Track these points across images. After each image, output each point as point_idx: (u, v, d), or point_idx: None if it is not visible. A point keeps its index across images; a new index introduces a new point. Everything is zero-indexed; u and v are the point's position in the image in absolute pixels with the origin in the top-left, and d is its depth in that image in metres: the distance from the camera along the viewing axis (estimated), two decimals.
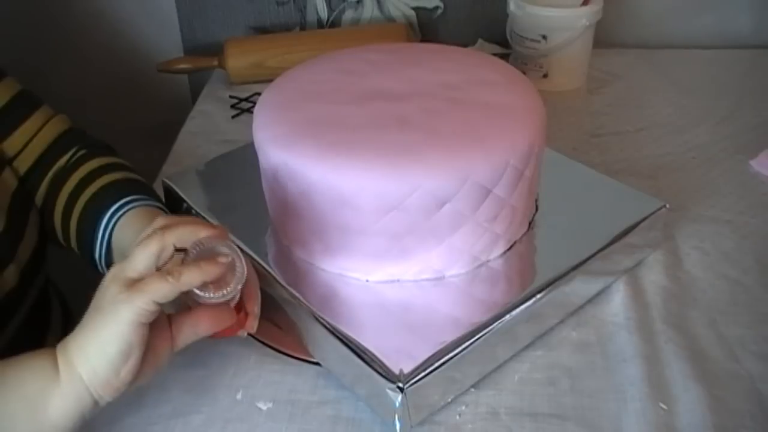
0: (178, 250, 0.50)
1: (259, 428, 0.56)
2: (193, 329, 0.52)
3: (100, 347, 0.47)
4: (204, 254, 0.50)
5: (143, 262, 0.48)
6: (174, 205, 0.71)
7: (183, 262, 0.49)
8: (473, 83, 0.64)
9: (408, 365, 0.52)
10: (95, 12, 1.15)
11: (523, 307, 0.58)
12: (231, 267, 0.51)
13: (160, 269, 0.49)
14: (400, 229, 0.57)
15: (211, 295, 0.50)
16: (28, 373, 0.49)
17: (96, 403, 0.49)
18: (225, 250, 0.51)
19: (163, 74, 1.08)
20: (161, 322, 0.50)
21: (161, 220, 0.51)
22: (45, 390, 0.48)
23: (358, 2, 1.14)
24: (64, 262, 0.75)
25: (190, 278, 0.48)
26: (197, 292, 0.50)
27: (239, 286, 0.52)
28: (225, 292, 0.51)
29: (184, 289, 0.48)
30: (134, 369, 0.48)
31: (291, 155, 0.58)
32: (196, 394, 0.59)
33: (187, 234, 0.49)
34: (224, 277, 0.51)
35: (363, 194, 0.55)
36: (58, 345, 0.50)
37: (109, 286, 0.48)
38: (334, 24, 1.16)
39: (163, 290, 0.47)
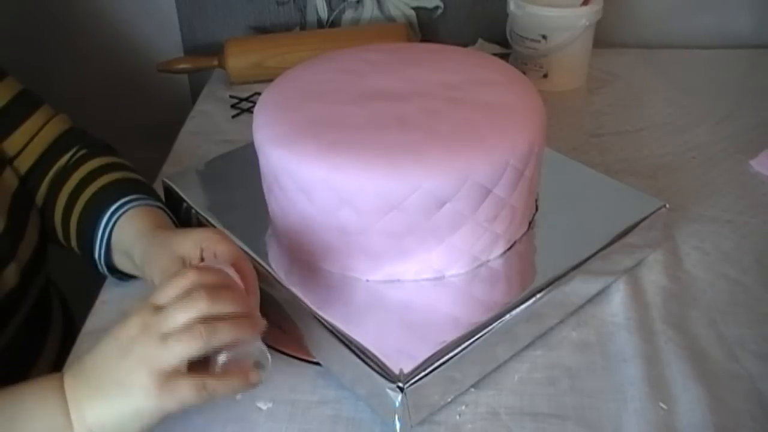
0: None
1: (259, 428, 0.56)
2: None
3: (120, 426, 0.48)
4: (238, 352, 0.50)
5: (181, 359, 0.47)
6: (174, 205, 0.71)
7: (216, 368, 0.49)
8: (473, 83, 0.64)
9: (408, 365, 0.52)
10: (95, 12, 1.15)
11: (523, 307, 0.58)
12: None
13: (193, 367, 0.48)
14: (400, 229, 0.57)
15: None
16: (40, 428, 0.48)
17: None
18: (258, 352, 0.51)
19: (163, 74, 1.08)
20: None
21: (204, 306, 0.48)
22: None
23: (358, 2, 1.14)
24: (64, 262, 0.75)
25: (222, 392, 0.48)
26: None
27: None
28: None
29: (211, 400, 0.48)
30: None
31: (291, 155, 0.58)
32: None
33: (229, 336, 0.48)
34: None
35: (363, 194, 0.55)
36: (69, 395, 0.49)
37: (138, 366, 0.46)
38: (334, 24, 1.16)
39: (193, 400, 0.47)
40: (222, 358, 0.49)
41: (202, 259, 0.55)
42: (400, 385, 0.51)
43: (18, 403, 0.49)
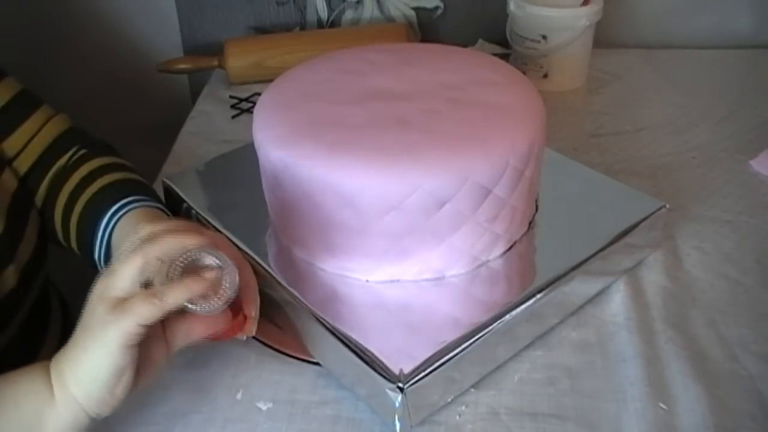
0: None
1: (259, 428, 0.56)
2: (186, 334, 0.52)
3: (92, 370, 0.47)
4: (192, 264, 0.49)
5: (127, 280, 0.47)
6: (174, 205, 0.71)
7: (168, 277, 0.48)
8: (473, 83, 0.64)
9: (408, 365, 0.52)
10: (95, 12, 1.15)
11: (523, 307, 0.58)
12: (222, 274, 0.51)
13: (147, 284, 0.48)
14: (400, 229, 0.57)
15: (199, 308, 0.49)
16: (23, 396, 0.49)
17: (93, 419, 0.49)
18: (214, 260, 0.50)
19: (163, 74, 1.08)
20: (154, 329, 0.49)
21: (146, 229, 0.50)
22: (41, 412, 0.48)
23: (358, 2, 1.14)
24: (64, 262, 0.75)
25: (176, 298, 0.47)
26: (185, 304, 0.49)
27: (227, 299, 0.51)
28: (212, 304, 0.50)
29: (171, 309, 0.47)
30: (128, 386, 0.48)
31: (291, 155, 0.58)
32: (196, 393, 0.59)
33: (172, 245, 0.48)
34: (214, 287, 0.50)
35: (363, 194, 0.55)
36: (52, 362, 0.49)
37: (96, 306, 0.47)
38: (334, 24, 1.16)
39: (148, 313, 0.46)
40: (177, 273, 0.48)
41: None
42: (400, 385, 0.51)
43: (5, 380, 0.49)
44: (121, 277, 0.47)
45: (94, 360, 0.47)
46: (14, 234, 0.66)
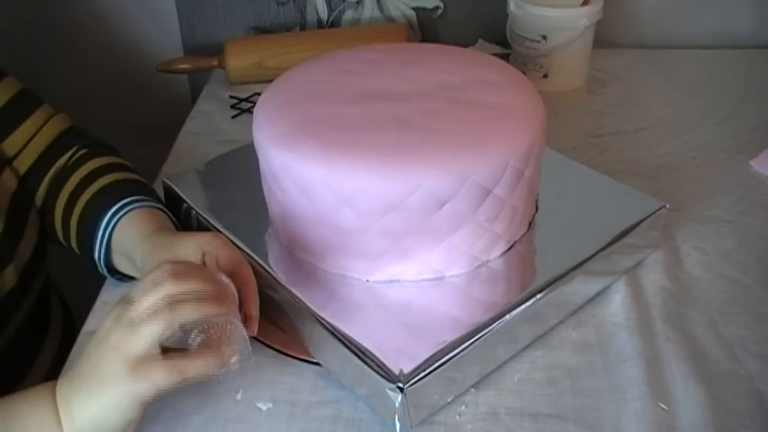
0: None
1: (259, 428, 0.56)
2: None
3: (102, 417, 0.48)
4: (210, 331, 0.50)
5: (148, 342, 0.47)
6: (174, 205, 0.71)
7: (187, 340, 0.49)
8: (473, 83, 0.64)
9: (408, 365, 0.52)
10: (95, 12, 1.15)
11: (523, 307, 0.58)
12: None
13: (164, 348, 0.48)
14: (400, 229, 0.57)
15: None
16: (30, 425, 0.49)
17: None
18: (236, 334, 0.50)
19: (163, 74, 1.08)
20: None
21: (169, 287, 0.48)
22: None
23: (358, 2, 1.14)
24: (64, 262, 0.75)
25: (194, 372, 0.48)
26: None
27: (239, 357, 0.51)
28: (227, 367, 0.50)
29: (186, 380, 0.48)
30: (135, 427, 0.50)
31: (291, 155, 0.58)
32: (197, 394, 0.58)
33: (195, 315, 0.48)
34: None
35: (363, 194, 0.55)
36: (59, 393, 0.50)
37: (111, 355, 0.47)
38: (334, 24, 1.16)
39: (167, 382, 0.47)
40: (195, 339, 0.49)
41: (204, 264, 0.55)
42: (400, 385, 0.51)
43: (12, 409, 0.49)
44: (142, 337, 0.47)
45: (105, 409, 0.48)
46: (14, 234, 0.66)
